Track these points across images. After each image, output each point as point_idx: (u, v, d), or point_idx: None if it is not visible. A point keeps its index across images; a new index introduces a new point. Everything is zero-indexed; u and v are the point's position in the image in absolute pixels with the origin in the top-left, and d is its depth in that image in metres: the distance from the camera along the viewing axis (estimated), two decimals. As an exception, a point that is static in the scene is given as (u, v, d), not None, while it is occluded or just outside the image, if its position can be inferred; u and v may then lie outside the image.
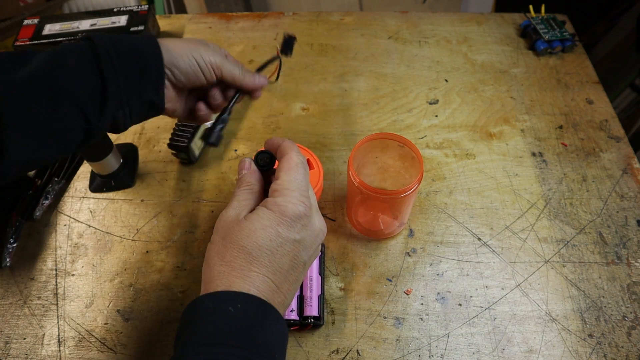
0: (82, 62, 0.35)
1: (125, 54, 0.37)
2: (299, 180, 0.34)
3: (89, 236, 0.56)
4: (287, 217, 0.32)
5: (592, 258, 0.54)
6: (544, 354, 0.47)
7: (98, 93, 0.36)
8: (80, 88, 0.35)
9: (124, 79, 0.37)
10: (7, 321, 0.50)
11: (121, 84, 0.36)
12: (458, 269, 0.53)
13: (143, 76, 0.38)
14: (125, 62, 0.37)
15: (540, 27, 0.75)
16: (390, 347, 0.48)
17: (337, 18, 0.81)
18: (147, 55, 0.38)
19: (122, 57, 0.37)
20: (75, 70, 0.35)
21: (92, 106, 0.35)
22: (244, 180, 0.37)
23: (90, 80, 0.35)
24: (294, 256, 0.33)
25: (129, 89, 0.37)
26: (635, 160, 0.62)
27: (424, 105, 0.68)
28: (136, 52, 0.38)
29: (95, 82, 0.35)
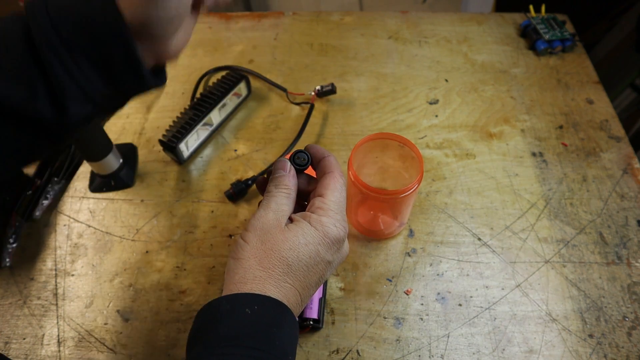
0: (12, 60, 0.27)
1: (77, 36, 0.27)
2: (342, 203, 0.35)
3: (89, 236, 0.56)
4: (328, 238, 0.33)
5: (593, 258, 0.53)
6: (544, 354, 0.47)
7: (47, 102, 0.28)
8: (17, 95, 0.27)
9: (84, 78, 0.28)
10: (7, 321, 0.50)
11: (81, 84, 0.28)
12: (458, 269, 0.53)
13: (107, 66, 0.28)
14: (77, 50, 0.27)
15: (540, 27, 0.75)
16: (390, 347, 0.48)
17: (337, 18, 0.81)
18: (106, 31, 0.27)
19: (71, 42, 0.27)
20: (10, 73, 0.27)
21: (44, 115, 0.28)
22: (282, 182, 0.35)
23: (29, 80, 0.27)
24: (322, 275, 0.34)
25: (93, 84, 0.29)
26: (635, 160, 0.62)
27: (424, 105, 0.68)
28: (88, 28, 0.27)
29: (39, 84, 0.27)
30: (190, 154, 0.62)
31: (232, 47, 0.77)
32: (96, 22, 0.27)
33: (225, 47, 0.77)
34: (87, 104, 0.29)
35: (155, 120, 0.67)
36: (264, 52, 0.76)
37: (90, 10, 0.27)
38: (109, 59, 0.28)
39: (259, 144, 0.64)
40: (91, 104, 0.29)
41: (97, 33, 0.27)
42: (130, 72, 0.29)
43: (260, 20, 0.81)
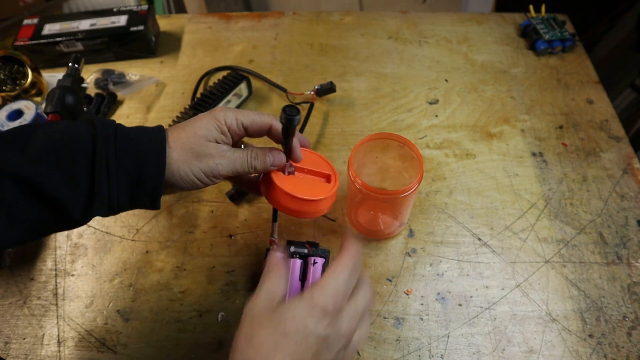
0: (74, 165, 0.35)
1: (125, 160, 0.36)
2: (340, 279, 0.34)
3: (89, 236, 0.56)
4: (318, 312, 0.32)
5: (593, 258, 0.53)
6: (544, 354, 0.47)
7: (84, 197, 0.35)
8: (64, 194, 0.34)
9: (116, 187, 0.36)
10: (7, 321, 0.50)
11: (112, 192, 0.36)
12: (458, 269, 0.53)
13: (138, 188, 0.37)
14: (122, 169, 0.36)
15: (540, 27, 0.75)
16: (390, 347, 0.48)
17: (337, 18, 0.81)
18: (148, 166, 0.36)
19: (120, 162, 0.36)
20: (64, 173, 0.34)
21: (74, 209, 0.35)
22: (274, 269, 0.36)
23: (77, 187, 0.35)
24: (317, 352, 0.32)
25: (120, 197, 0.36)
26: (635, 160, 0.62)
27: (424, 105, 0.68)
28: (137, 159, 0.36)
29: (83, 189, 0.35)
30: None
31: (232, 47, 0.77)
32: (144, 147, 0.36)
33: (225, 47, 0.77)
34: (106, 209, 0.36)
35: (155, 120, 0.67)
36: (264, 52, 0.76)
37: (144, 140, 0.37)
38: (141, 182, 0.36)
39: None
40: (108, 210, 0.37)
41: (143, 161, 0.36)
42: (150, 196, 0.37)
43: (260, 21, 0.81)
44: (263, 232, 0.56)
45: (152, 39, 0.74)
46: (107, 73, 0.71)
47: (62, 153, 0.35)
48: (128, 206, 0.38)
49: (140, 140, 0.37)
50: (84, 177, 0.35)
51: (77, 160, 0.35)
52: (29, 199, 0.34)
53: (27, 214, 0.34)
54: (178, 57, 0.75)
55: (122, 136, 0.36)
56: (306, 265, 0.47)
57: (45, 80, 0.70)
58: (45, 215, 0.35)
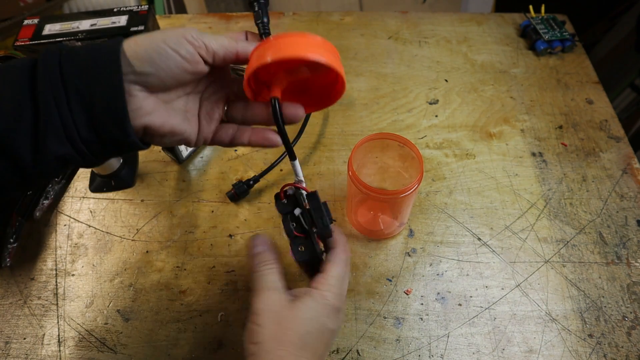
0: (13, 87, 0.28)
1: (74, 79, 0.28)
2: (342, 277, 0.37)
3: (89, 236, 0.56)
4: (331, 310, 0.36)
5: (592, 258, 0.54)
6: (544, 354, 0.47)
7: (29, 129, 0.28)
8: (2, 123, 0.28)
9: (69, 111, 0.28)
10: (7, 321, 0.50)
11: (64, 117, 0.28)
12: (458, 269, 0.53)
13: (94, 109, 0.29)
14: (72, 89, 0.28)
15: (540, 27, 0.75)
16: (390, 347, 0.48)
17: (337, 18, 0.81)
18: (101, 80, 0.29)
19: (69, 80, 0.28)
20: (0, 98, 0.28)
21: (20, 144, 0.28)
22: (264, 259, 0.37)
23: (19, 112, 0.28)
24: (328, 342, 0.36)
25: (77, 124, 0.29)
26: (635, 160, 0.62)
27: (424, 105, 0.68)
28: (88, 75, 0.29)
29: (26, 115, 0.28)
30: (189, 154, 0.62)
31: (232, 47, 0.77)
32: (97, 63, 0.29)
33: (225, 47, 0.77)
34: (65, 143, 0.29)
35: (155, 120, 0.67)
36: (264, 52, 0.76)
37: (96, 53, 0.29)
38: (97, 101, 0.29)
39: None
40: (69, 145, 0.29)
41: (94, 75, 0.29)
42: (114, 119, 0.29)
43: (260, 21, 0.81)
44: (263, 232, 0.56)
45: (152, 39, 0.74)
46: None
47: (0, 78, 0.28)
48: (97, 142, 0.30)
49: (88, 53, 0.29)
50: (24, 99, 0.28)
51: (14, 82, 0.28)
52: None
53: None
54: (178, 57, 0.75)
55: (67, 53, 0.29)
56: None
57: (45, 80, 0.70)
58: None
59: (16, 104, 0.28)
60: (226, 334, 0.49)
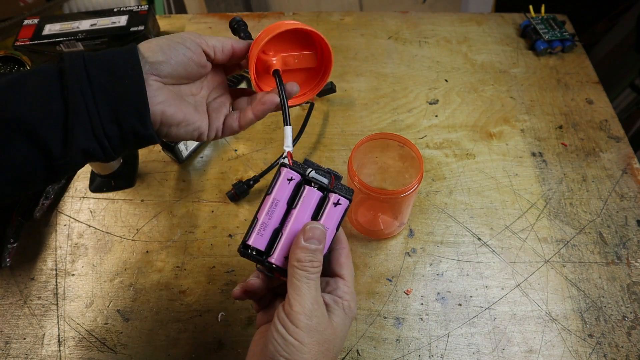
0: (43, 87, 0.31)
1: (99, 78, 0.32)
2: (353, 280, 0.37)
3: (89, 236, 0.56)
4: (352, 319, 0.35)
5: (592, 258, 0.54)
6: (544, 354, 0.47)
7: (60, 124, 0.31)
8: (36, 118, 0.30)
9: (95, 107, 0.32)
10: (7, 321, 0.50)
11: (92, 113, 0.31)
12: (458, 269, 0.53)
13: (120, 104, 0.32)
14: (98, 87, 0.32)
15: (540, 27, 0.75)
16: (390, 347, 0.48)
17: (337, 18, 0.81)
18: (125, 77, 0.32)
19: (94, 80, 0.32)
20: (33, 96, 0.30)
21: (52, 138, 0.31)
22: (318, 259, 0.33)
23: (50, 107, 0.31)
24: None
25: (103, 120, 0.32)
26: (635, 160, 0.62)
27: (424, 105, 0.68)
28: (112, 75, 0.32)
29: (57, 110, 0.31)
30: (189, 154, 0.62)
31: (232, 47, 0.77)
32: (118, 63, 0.33)
33: (225, 47, 0.77)
34: (91, 137, 0.32)
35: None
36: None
37: (116, 55, 0.33)
38: (120, 95, 0.32)
39: (259, 144, 0.64)
40: (94, 139, 0.32)
41: (116, 72, 0.32)
42: (136, 113, 0.33)
43: (260, 21, 0.81)
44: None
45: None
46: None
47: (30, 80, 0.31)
48: (118, 136, 0.33)
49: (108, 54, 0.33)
50: (56, 98, 0.31)
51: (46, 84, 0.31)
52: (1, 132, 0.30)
53: (1, 153, 0.30)
54: (178, 57, 0.75)
55: (90, 57, 0.33)
56: (324, 200, 0.35)
57: (45, 80, 0.70)
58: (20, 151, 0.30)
59: (47, 101, 0.31)
60: (226, 334, 0.49)
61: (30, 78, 0.31)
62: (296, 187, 0.35)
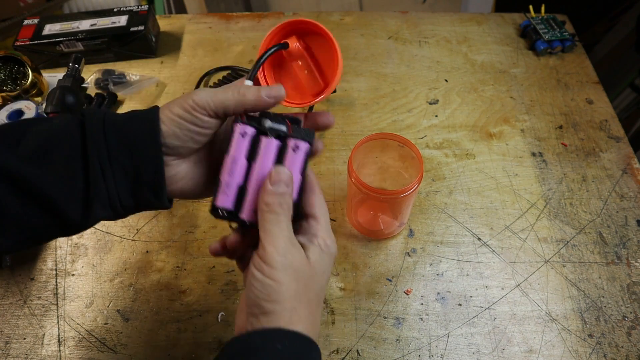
0: (66, 161, 0.32)
1: (119, 155, 0.32)
2: (328, 220, 0.36)
3: (89, 236, 0.56)
4: (333, 258, 0.35)
5: (592, 258, 0.54)
6: (544, 354, 0.47)
7: (80, 199, 0.32)
8: (58, 193, 0.31)
9: (114, 183, 0.33)
10: (7, 321, 0.50)
11: (110, 188, 0.32)
12: (458, 269, 0.53)
13: (137, 182, 0.33)
14: (117, 164, 0.32)
15: (540, 27, 0.75)
16: (390, 347, 0.48)
17: (337, 18, 0.81)
18: (144, 157, 0.33)
19: (114, 158, 0.32)
20: (57, 172, 0.31)
21: (72, 210, 0.32)
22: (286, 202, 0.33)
23: (73, 185, 0.32)
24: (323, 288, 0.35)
25: (120, 193, 0.33)
26: (635, 160, 0.62)
27: (424, 105, 0.68)
28: (131, 152, 0.33)
29: (78, 187, 0.32)
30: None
31: (232, 47, 0.77)
32: (138, 141, 0.33)
33: (225, 47, 0.77)
34: (109, 209, 0.33)
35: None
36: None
37: (136, 130, 0.33)
38: (139, 175, 0.33)
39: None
40: (111, 211, 0.33)
41: (136, 150, 0.33)
42: (153, 191, 0.34)
43: (260, 21, 0.81)
44: (263, 232, 0.56)
45: (152, 39, 0.74)
46: (108, 73, 0.71)
47: (54, 151, 0.32)
48: (134, 207, 0.34)
49: (129, 128, 0.33)
50: (78, 175, 0.32)
51: (69, 158, 0.32)
52: (22, 201, 0.31)
53: (20, 219, 0.32)
54: (178, 57, 0.76)
55: (110, 126, 0.33)
56: (283, 148, 0.35)
57: (45, 80, 0.70)
58: (40, 219, 0.32)
59: (71, 177, 0.32)
60: (226, 334, 0.49)
61: (53, 150, 0.32)
62: (253, 141, 0.35)
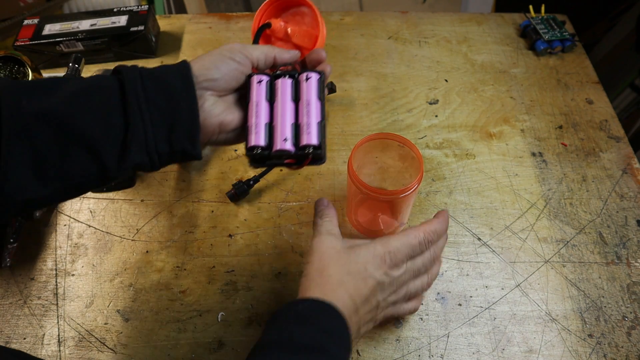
0: (106, 104, 0.33)
1: (156, 98, 0.34)
2: (406, 243, 0.40)
3: (89, 236, 0.56)
4: (375, 258, 0.39)
5: (592, 258, 0.54)
6: (544, 354, 0.47)
7: (119, 140, 0.34)
8: (97, 133, 0.33)
9: (152, 126, 0.34)
10: (7, 321, 0.50)
11: (148, 131, 0.34)
12: (458, 269, 0.53)
13: (174, 126, 0.35)
14: (154, 107, 0.34)
15: (540, 27, 0.75)
16: (390, 347, 0.48)
17: (337, 18, 0.81)
18: (180, 99, 0.35)
19: (152, 100, 0.34)
20: (96, 113, 0.33)
21: (110, 152, 0.33)
22: (325, 213, 0.43)
23: (111, 125, 0.33)
24: (372, 292, 0.39)
25: (156, 138, 0.35)
26: (635, 160, 0.62)
27: (424, 105, 0.68)
28: (168, 95, 0.35)
29: (117, 128, 0.33)
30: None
31: (232, 47, 0.77)
32: (173, 85, 0.35)
33: (225, 47, 0.77)
34: (144, 154, 0.34)
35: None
36: (264, 52, 0.76)
37: (171, 75, 0.35)
38: (175, 117, 0.35)
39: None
40: (147, 156, 0.35)
41: (172, 93, 0.35)
42: (188, 135, 0.35)
43: (260, 21, 0.81)
44: (263, 232, 0.56)
45: (152, 39, 0.74)
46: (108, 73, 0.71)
47: (93, 95, 0.33)
48: (168, 154, 0.35)
49: (164, 75, 0.35)
50: (116, 115, 0.33)
51: (108, 100, 0.34)
52: (62, 143, 0.32)
53: (59, 164, 0.32)
54: (178, 57, 0.75)
55: (146, 74, 0.35)
56: (297, 84, 0.40)
57: (45, 80, 0.70)
58: (78, 164, 0.33)
59: (109, 118, 0.33)
60: (226, 334, 0.49)
61: (94, 94, 0.33)
62: (270, 86, 0.40)
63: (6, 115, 0.31)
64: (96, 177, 0.34)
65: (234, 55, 0.38)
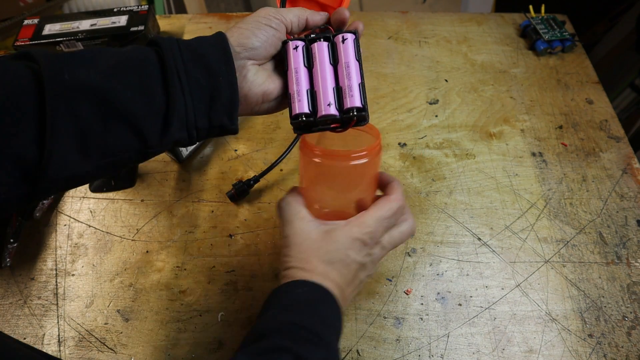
0: (146, 78, 0.33)
1: (196, 73, 0.34)
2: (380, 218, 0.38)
3: (89, 236, 0.56)
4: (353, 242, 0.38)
5: (592, 258, 0.54)
6: (544, 354, 0.47)
7: (160, 116, 0.33)
8: (139, 108, 0.32)
9: (192, 101, 0.34)
10: (7, 321, 0.50)
11: (188, 107, 0.34)
12: (458, 269, 0.53)
13: (214, 101, 0.35)
14: (194, 82, 0.34)
15: (540, 27, 0.75)
16: (390, 347, 0.48)
17: (337, 18, 0.81)
18: (219, 74, 0.34)
19: (191, 75, 0.34)
20: (137, 87, 0.32)
21: (152, 128, 0.33)
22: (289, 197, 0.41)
23: (153, 100, 0.33)
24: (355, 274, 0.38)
25: (196, 113, 0.34)
26: (635, 160, 0.62)
27: (424, 105, 0.68)
28: (207, 70, 0.34)
29: (158, 104, 0.33)
30: (189, 153, 0.62)
31: (232, 47, 0.77)
32: (212, 59, 0.34)
33: (225, 47, 0.77)
34: (184, 130, 0.34)
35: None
36: (264, 52, 0.76)
37: (210, 49, 0.35)
38: (214, 92, 0.34)
39: (259, 144, 0.64)
40: (186, 132, 0.34)
41: (211, 67, 0.34)
42: (227, 111, 0.35)
43: (260, 21, 0.81)
44: (263, 232, 0.56)
45: (152, 39, 0.74)
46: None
47: (133, 68, 0.33)
48: (207, 129, 0.35)
49: (203, 48, 0.35)
50: (158, 91, 0.33)
51: (149, 73, 0.33)
52: (104, 117, 0.31)
53: (102, 139, 0.31)
54: (178, 57, 0.75)
55: (185, 46, 0.34)
56: (334, 46, 0.40)
57: (45, 80, 0.70)
58: (120, 139, 0.32)
59: (151, 94, 0.33)
60: (226, 334, 0.49)
61: (134, 67, 0.33)
62: (306, 51, 0.39)
63: (49, 89, 0.29)
64: (137, 152, 0.33)
65: (270, 22, 0.37)
